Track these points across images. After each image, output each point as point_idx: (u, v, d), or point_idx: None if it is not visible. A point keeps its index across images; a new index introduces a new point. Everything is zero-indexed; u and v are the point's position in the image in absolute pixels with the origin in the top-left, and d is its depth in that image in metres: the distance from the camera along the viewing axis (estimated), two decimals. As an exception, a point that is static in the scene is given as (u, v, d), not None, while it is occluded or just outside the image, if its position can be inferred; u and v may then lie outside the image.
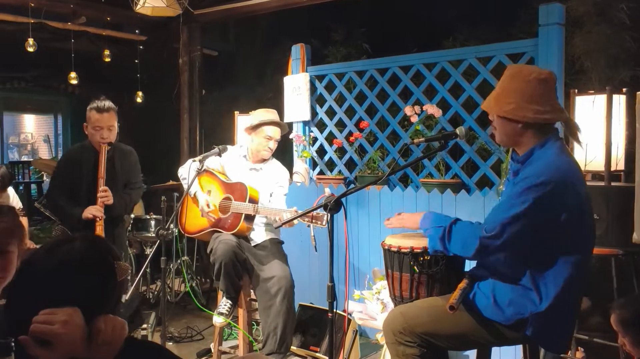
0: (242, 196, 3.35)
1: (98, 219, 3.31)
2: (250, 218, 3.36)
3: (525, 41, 3.51)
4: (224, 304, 3.53)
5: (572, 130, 2.09)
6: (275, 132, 3.56)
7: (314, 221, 2.91)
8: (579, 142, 2.11)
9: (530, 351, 2.17)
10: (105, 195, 3.37)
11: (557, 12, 3.28)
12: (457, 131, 2.30)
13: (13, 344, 0.96)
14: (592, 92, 3.25)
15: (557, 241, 1.96)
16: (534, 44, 3.37)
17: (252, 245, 3.48)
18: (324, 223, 2.89)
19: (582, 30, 3.85)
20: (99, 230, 3.29)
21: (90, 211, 3.33)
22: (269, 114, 3.61)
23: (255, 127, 3.56)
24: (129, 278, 3.43)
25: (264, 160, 3.62)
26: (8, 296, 1.26)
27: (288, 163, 3.91)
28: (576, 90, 3.27)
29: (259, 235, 3.50)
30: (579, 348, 3.26)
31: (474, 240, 1.96)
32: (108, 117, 3.47)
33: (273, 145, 3.56)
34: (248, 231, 3.43)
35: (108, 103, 3.51)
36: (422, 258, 2.21)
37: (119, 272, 1.30)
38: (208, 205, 3.43)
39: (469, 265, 2.39)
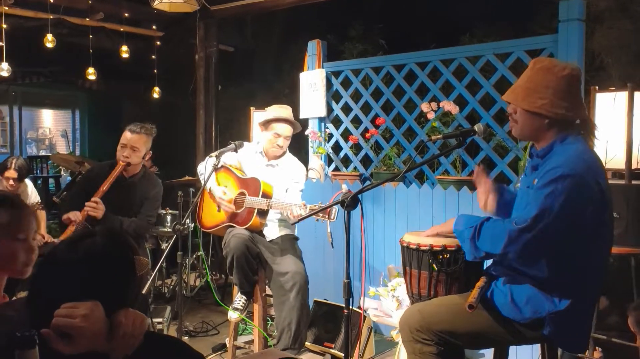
0: (255, 191, 3.36)
1: (73, 223, 3.26)
2: (263, 213, 3.36)
3: (545, 37, 3.46)
4: (238, 299, 3.55)
5: (589, 129, 2.06)
6: (285, 130, 3.54)
7: (322, 215, 2.91)
8: (594, 138, 2.08)
9: (549, 351, 2.14)
10: (94, 206, 3.30)
11: (578, 8, 3.23)
12: (476, 128, 2.27)
13: (36, 337, 0.97)
14: (613, 89, 3.20)
15: (580, 236, 1.92)
16: (553, 39, 3.33)
17: (267, 240, 3.48)
18: (332, 217, 2.89)
19: (603, 26, 3.80)
20: (68, 232, 3.24)
21: (69, 214, 3.30)
22: (281, 111, 3.59)
23: (265, 124, 3.57)
24: (147, 272, 3.43)
25: (279, 156, 3.62)
26: (30, 290, 1.27)
27: (303, 159, 3.90)
28: (597, 87, 3.22)
29: (272, 231, 3.50)
30: (597, 347, 3.23)
31: (503, 234, 1.91)
32: (136, 138, 3.44)
33: (282, 142, 3.54)
34: (261, 226, 3.43)
35: (145, 127, 3.50)
36: (441, 256, 2.20)
37: (138, 267, 1.31)
38: (225, 193, 3.43)
39: (488, 264, 2.37)
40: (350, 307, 2.31)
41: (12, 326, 1.18)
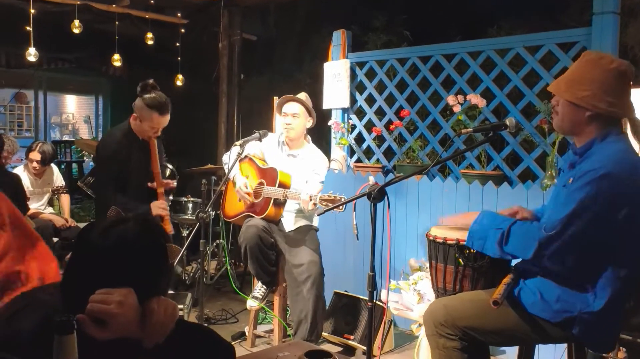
0: (272, 181, 3.36)
1: (166, 216, 3.24)
2: (279, 203, 3.35)
3: (578, 30, 3.38)
4: (258, 288, 3.56)
5: (636, 129, 2.00)
6: (290, 107, 3.50)
7: (331, 205, 2.90)
8: (636, 141, 2.02)
9: (576, 351, 2.11)
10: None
11: (613, 0, 3.15)
12: (507, 122, 2.23)
13: (75, 322, 0.97)
14: (647, 84, 3.12)
15: (618, 237, 1.88)
16: (587, 32, 3.25)
17: (285, 231, 3.47)
18: (341, 208, 2.88)
19: (637, 20, 3.70)
20: (167, 225, 3.25)
21: (157, 208, 3.22)
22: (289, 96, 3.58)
23: (278, 109, 3.60)
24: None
25: (300, 146, 3.58)
26: (64, 275, 1.28)
27: (325, 150, 3.89)
28: (631, 83, 3.14)
29: (289, 221, 3.49)
30: (621, 348, 3.17)
31: (532, 241, 1.88)
32: (166, 119, 3.31)
33: (290, 120, 3.48)
34: (277, 216, 3.42)
35: (168, 102, 3.30)
36: (467, 251, 2.17)
37: (170, 254, 1.31)
38: (245, 186, 3.43)
39: (515, 260, 2.34)
40: (374, 300, 2.30)
41: (45, 310, 1.19)
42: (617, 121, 1.97)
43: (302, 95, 3.57)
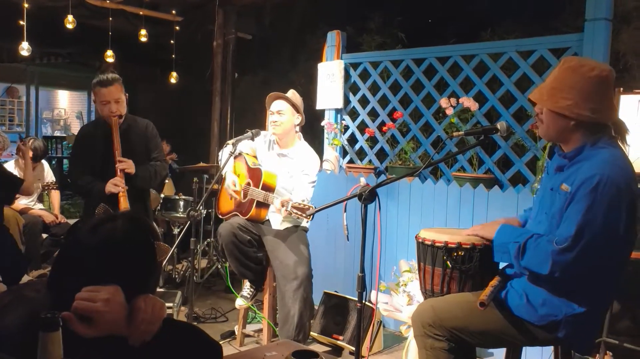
0: (257, 182, 3.35)
1: (121, 191, 3.20)
2: (262, 205, 3.34)
3: (570, 35, 3.41)
4: (247, 288, 3.57)
5: (621, 132, 2.01)
6: (275, 105, 3.46)
7: (299, 212, 2.90)
8: (625, 143, 2.03)
9: (563, 353, 2.13)
10: (125, 165, 3.26)
11: (605, 7, 3.17)
12: (499, 126, 2.25)
13: (60, 319, 0.97)
14: (638, 91, 3.15)
15: (617, 245, 1.89)
16: (578, 38, 3.27)
17: (273, 231, 3.45)
18: (307, 215, 2.88)
19: (630, 27, 3.73)
20: (123, 201, 3.18)
21: (110, 184, 3.21)
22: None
23: (267, 108, 3.55)
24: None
25: (290, 145, 3.55)
26: (51, 272, 1.27)
27: (317, 150, 3.89)
28: (622, 89, 3.17)
29: (276, 221, 3.46)
30: (608, 351, 3.20)
31: (547, 256, 1.87)
32: (114, 90, 3.32)
33: (276, 118, 3.44)
34: (261, 217, 3.41)
35: (112, 75, 3.36)
36: (455, 254, 2.18)
37: (159, 252, 1.31)
38: (234, 184, 3.43)
39: (503, 264, 2.35)
40: (363, 301, 2.31)
41: (32, 307, 1.19)
42: (605, 126, 1.98)
43: (290, 93, 3.53)
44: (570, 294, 1.94)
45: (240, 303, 3.53)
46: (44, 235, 4.75)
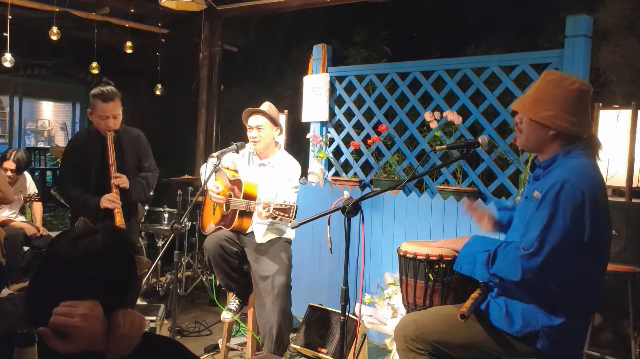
0: (238, 192, 3.34)
1: (117, 207, 3.20)
2: (245, 214, 3.33)
3: (551, 52, 3.47)
4: (233, 300, 3.54)
5: (594, 147, 2.06)
6: (253, 120, 3.44)
7: (282, 214, 2.90)
8: (598, 158, 2.08)
9: (544, 366, 2.14)
10: (120, 181, 3.26)
11: (585, 24, 3.24)
12: (480, 140, 2.27)
13: (36, 335, 0.96)
14: (617, 106, 3.21)
15: (580, 252, 1.91)
16: (559, 54, 3.33)
17: (255, 242, 3.42)
18: (291, 216, 2.87)
19: (610, 43, 3.81)
20: (118, 218, 3.18)
21: (105, 200, 3.20)
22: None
23: (244, 121, 3.54)
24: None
25: (270, 154, 3.54)
26: (29, 286, 1.26)
27: (303, 162, 3.90)
28: (600, 104, 3.23)
29: (260, 233, 3.44)
30: (590, 364, 3.22)
31: (516, 262, 1.89)
32: (113, 106, 3.30)
33: (255, 134, 3.42)
34: (245, 227, 3.38)
35: (113, 90, 3.34)
36: (437, 266, 2.19)
37: (139, 266, 1.30)
38: (217, 187, 3.39)
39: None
40: (347, 314, 2.31)
41: (10, 321, 1.17)
42: (580, 138, 2.02)
43: (266, 105, 3.52)
44: (547, 305, 1.96)
45: (226, 316, 3.50)
46: (26, 248, 4.68)
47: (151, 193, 4.54)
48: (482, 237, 2.14)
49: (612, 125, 3.15)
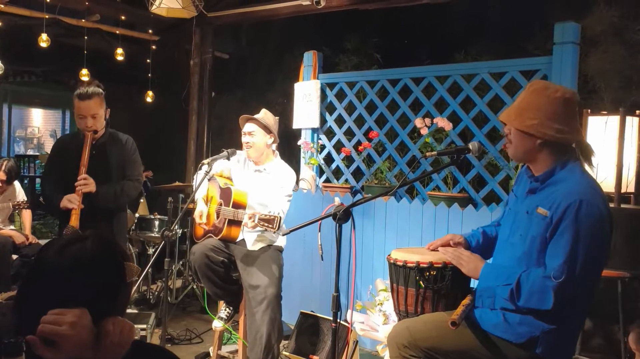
0: (227, 201, 3.34)
1: (75, 207, 3.08)
2: (234, 223, 3.32)
3: (539, 58, 3.50)
4: (223, 309, 3.52)
5: (586, 153, 2.07)
6: (247, 127, 3.47)
7: (266, 224, 2.90)
8: (591, 165, 2.09)
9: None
10: (84, 182, 3.14)
11: (573, 31, 3.27)
12: (470, 146, 2.29)
13: (24, 344, 0.94)
14: (605, 112, 3.24)
15: (600, 264, 1.96)
16: (547, 61, 3.36)
17: (246, 251, 3.40)
18: (274, 226, 2.87)
19: (597, 50, 3.85)
20: (74, 219, 3.07)
21: (64, 201, 3.12)
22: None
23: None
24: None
25: (266, 161, 3.55)
26: (17, 294, 1.24)
27: (294, 169, 3.89)
28: (589, 110, 3.26)
29: (250, 241, 3.43)
30: (581, 369, 3.24)
31: (547, 291, 1.89)
32: (92, 105, 3.22)
33: (248, 139, 3.44)
34: (234, 236, 3.37)
35: (92, 89, 3.24)
36: (427, 273, 2.19)
37: (128, 273, 1.29)
38: (201, 217, 3.42)
39: (475, 282, 2.37)
40: (338, 320, 2.30)
41: None
42: (570, 147, 2.04)
43: (262, 113, 3.54)
44: (546, 311, 1.96)
45: (217, 325, 3.48)
46: (14, 256, 4.63)
47: (137, 201, 4.51)
48: (489, 267, 2.12)
49: (600, 131, 3.18)
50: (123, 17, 6.04)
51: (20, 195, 5.00)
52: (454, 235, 2.37)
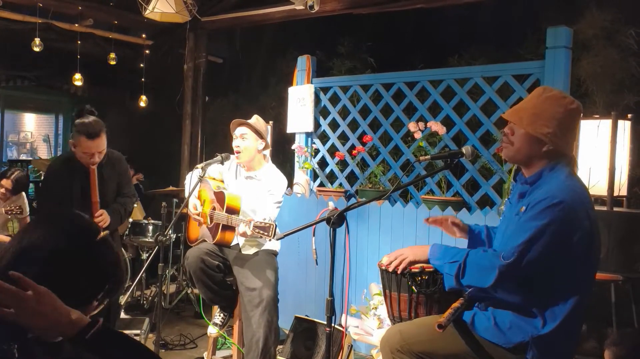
0: (221, 205, 3.33)
1: None
2: (227, 228, 3.31)
3: (532, 63, 3.52)
4: (218, 314, 3.51)
5: (572, 166, 2.09)
6: (238, 130, 3.46)
7: (261, 231, 2.89)
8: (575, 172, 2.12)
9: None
10: (102, 219, 3.20)
11: (565, 36, 3.29)
12: (464, 150, 2.29)
13: (16, 351, 0.93)
14: (597, 116, 3.26)
15: (568, 263, 1.94)
16: (540, 65, 3.38)
17: (240, 255, 3.39)
18: (270, 234, 2.87)
19: (589, 53, 3.87)
20: None
21: None
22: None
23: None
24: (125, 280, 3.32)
25: (257, 167, 3.54)
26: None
27: (288, 174, 3.89)
28: (581, 114, 3.27)
29: (245, 245, 3.43)
30: (575, 372, 3.24)
31: (492, 270, 1.91)
32: (99, 142, 3.16)
33: (239, 142, 3.44)
34: (228, 240, 3.36)
35: (98, 125, 3.17)
36: (419, 278, 2.19)
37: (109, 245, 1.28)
38: (195, 207, 3.40)
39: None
40: (333, 325, 2.30)
41: None
42: (564, 154, 2.05)
43: (254, 118, 3.53)
44: (535, 315, 1.97)
45: (212, 331, 3.46)
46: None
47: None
48: (441, 246, 2.16)
49: (592, 134, 3.20)
50: (116, 22, 6.04)
51: (25, 209, 4.93)
52: (455, 218, 2.41)
